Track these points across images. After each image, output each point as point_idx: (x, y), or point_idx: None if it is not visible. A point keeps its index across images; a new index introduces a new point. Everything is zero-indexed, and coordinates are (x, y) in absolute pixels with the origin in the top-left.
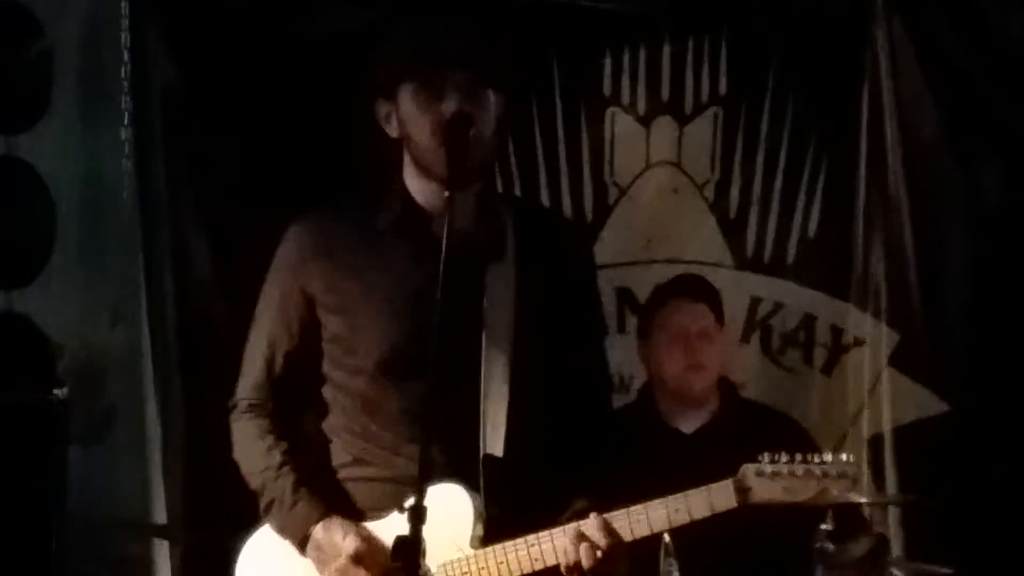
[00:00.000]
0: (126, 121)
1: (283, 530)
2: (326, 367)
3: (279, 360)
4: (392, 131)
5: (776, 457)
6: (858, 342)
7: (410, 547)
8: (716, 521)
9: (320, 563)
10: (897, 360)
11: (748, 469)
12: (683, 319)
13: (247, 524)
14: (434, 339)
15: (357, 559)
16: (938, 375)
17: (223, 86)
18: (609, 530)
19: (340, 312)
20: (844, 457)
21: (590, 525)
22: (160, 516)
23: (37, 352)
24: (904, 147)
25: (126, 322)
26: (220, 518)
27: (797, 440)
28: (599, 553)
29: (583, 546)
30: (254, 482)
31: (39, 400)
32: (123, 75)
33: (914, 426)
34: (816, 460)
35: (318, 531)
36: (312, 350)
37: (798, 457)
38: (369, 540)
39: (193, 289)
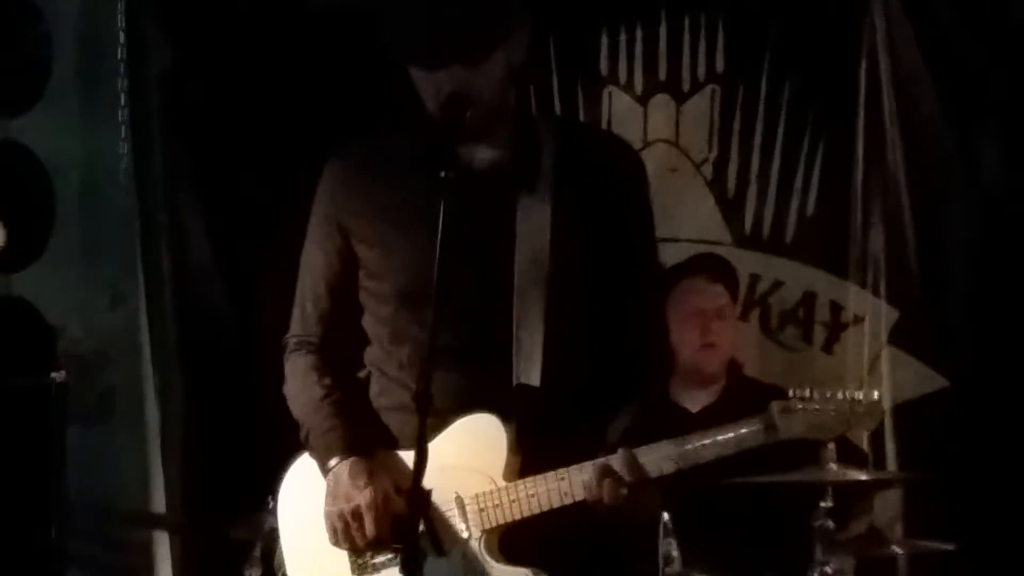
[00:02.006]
0: (123, 104)
1: (314, 459)
2: (363, 297)
3: (323, 292)
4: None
5: (804, 394)
6: (857, 319)
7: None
8: (716, 498)
9: (331, 496)
10: (896, 337)
11: (775, 406)
12: (700, 298)
13: (245, 506)
14: (437, 280)
15: (368, 510)
16: (937, 351)
17: (219, 69)
18: (635, 466)
19: (370, 242)
20: (871, 393)
21: (617, 460)
22: (159, 497)
23: (36, 335)
24: (902, 124)
25: (125, 305)
26: (218, 499)
27: None
28: (623, 490)
29: (607, 481)
30: (297, 413)
31: (38, 383)
32: (120, 58)
33: (914, 403)
34: (842, 396)
35: (341, 466)
36: (351, 282)
37: (827, 394)
38: (386, 495)
39: (191, 272)
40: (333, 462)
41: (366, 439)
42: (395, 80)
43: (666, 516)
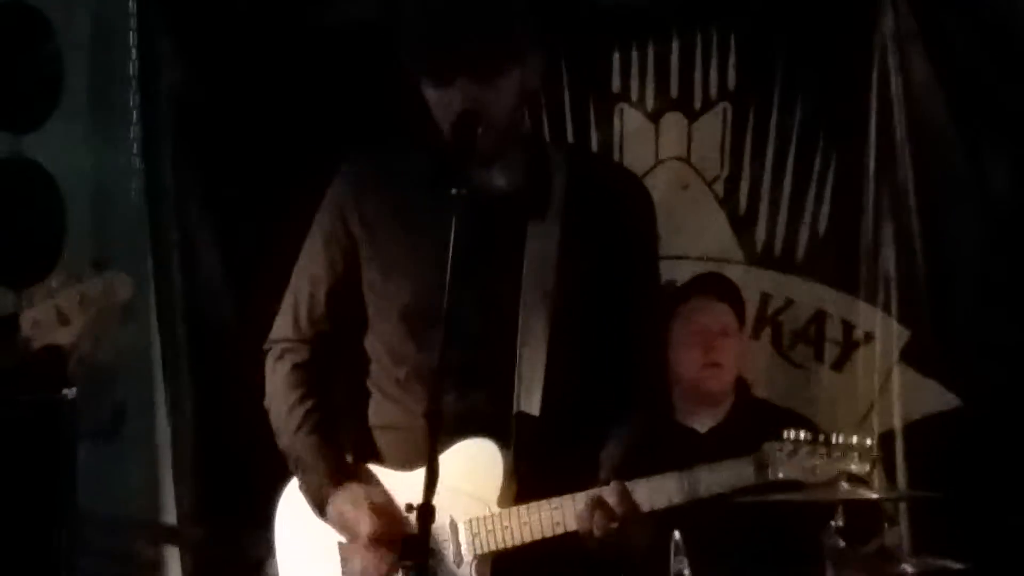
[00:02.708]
0: (134, 120)
1: (304, 491)
2: (370, 313)
3: (320, 299)
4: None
5: (797, 436)
6: (868, 338)
7: (419, 544)
8: (726, 517)
9: (344, 535)
10: (908, 355)
11: (769, 447)
12: (704, 317)
13: (255, 521)
14: (447, 300)
15: (375, 540)
16: (949, 370)
17: (231, 84)
18: (627, 499)
19: (376, 256)
20: (863, 440)
21: (609, 491)
22: (169, 513)
23: (47, 351)
24: (913, 141)
25: (135, 320)
26: (228, 513)
27: None
28: (614, 523)
29: (597, 513)
30: (282, 439)
31: (49, 398)
32: (131, 74)
33: (925, 421)
34: (836, 442)
35: (336, 501)
36: (353, 294)
37: (820, 438)
38: (383, 512)
39: (201, 287)
40: (332, 498)
41: (360, 458)
42: (407, 97)
43: (677, 535)
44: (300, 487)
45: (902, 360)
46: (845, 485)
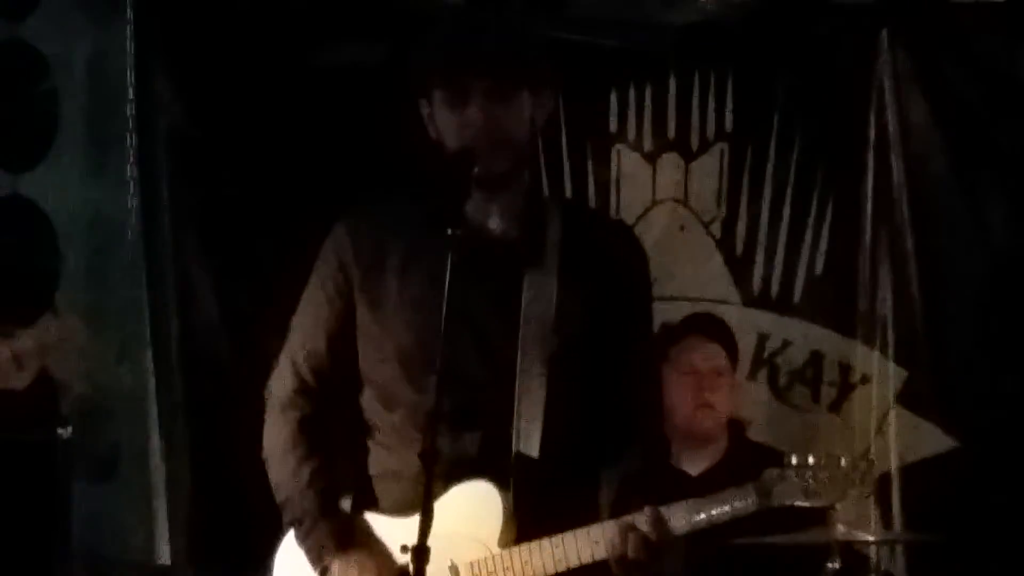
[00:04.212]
0: (131, 159)
1: (303, 548)
2: (361, 364)
3: (321, 350)
4: (433, 131)
5: (798, 462)
6: (865, 379)
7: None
8: (723, 561)
9: None
10: (904, 397)
11: (769, 473)
12: (696, 358)
13: (251, 563)
14: (443, 338)
15: None
16: (946, 412)
17: (228, 125)
18: (662, 523)
19: (373, 302)
20: (864, 462)
21: (642, 518)
22: (164, 555)
23: (42, 387)
24: (910, 182)
25: (131, 361)
26: (223, 556)
27: None
28: (646, 551)
29: (632, 535)
30: (280, 493)
31: (44, 438)
32: (128, 113)
33: (922, 464)
34: (838, 464)
35: (337, 569)
36: (349, 341)
37: (821, 460)
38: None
39: (198, 328)
40: (332, 565)
41: (351, 526)
42: (405, 139)
43: None
44: (298, 542)
45: (899, 402)
46: (842, 527)
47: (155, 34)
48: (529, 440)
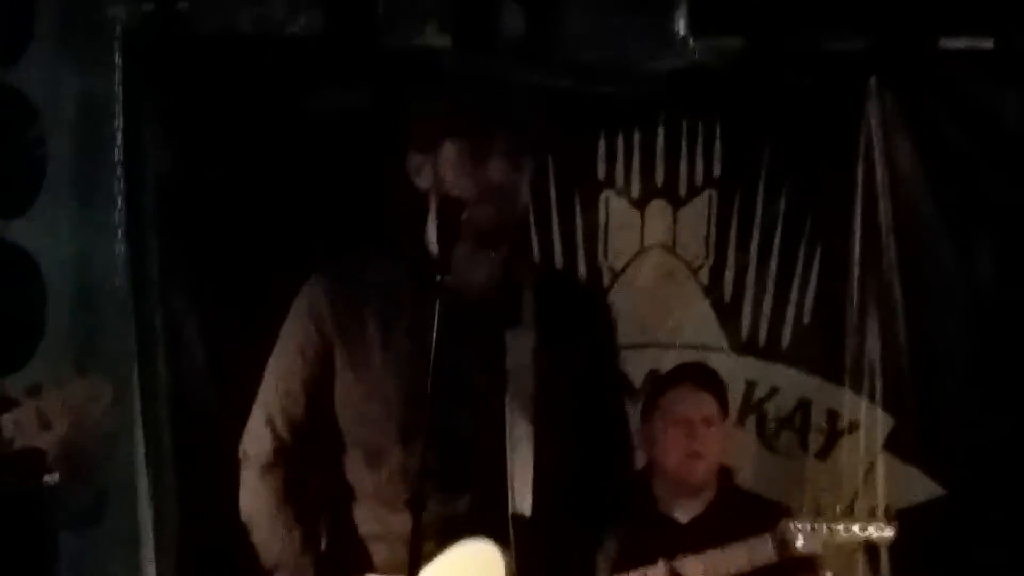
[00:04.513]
0: (119, 206)
1: None
2: (341, 423)
3: (299, 409)
4: (424, 182)
5: (814, 509)
6: (853, 426)
7: None
8: None
9: None
10: (892, 444)
11: (787, 523)
12: (686, 407)
13: None
14: (427, 410)
15: None
16: (933, 459)
17: (217, 171)
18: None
19: (356, 361)
20: (879, 514)
21: (658, 571)
22: None
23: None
24: (898, 229)
25: (118, 408)
26: None
27: None
28: None
29: None
30: (268, 557)
31: (30, 486)
32: (116, 159)
33: (909, 511)
34: (852, 516)
35: None
36: (331, 403)
37: (837, 509)
38: None
39: (186, 375)
40: None
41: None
42: (393, 185)
43: None
44: None
45: (887, 449)
46: (829, 574)
47: (143, 80)
48: (523, 499)
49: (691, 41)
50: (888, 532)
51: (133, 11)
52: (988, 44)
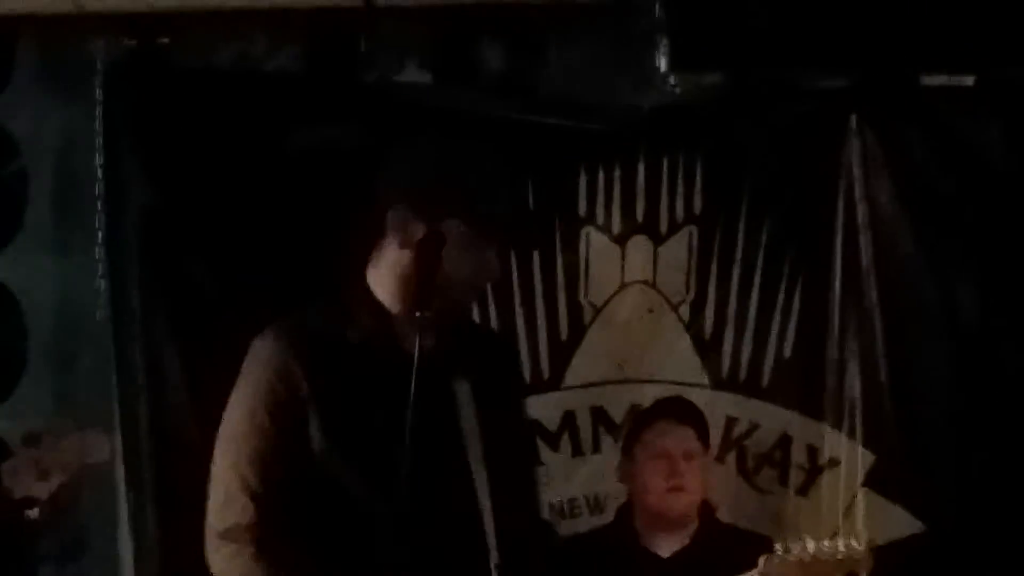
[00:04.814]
0: (100, 241)
1: None
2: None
3: (270, 469)
4: (400, 238)
5: (792, 545)
6: (833, 462)
7: None
8: None
9: None
10: (873, 480)
11: (767, 558)
12: (667, 441)
13: None
14: (405, 464)
15: None
16: (914, 495)
17: (198, 205)
18: None
19: (327, 421)
20: (855, 542)
21: None
22: None
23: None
24: (879, 265)
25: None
26: None
27: None
28: None
29: None
30: None
31: (11, 520)
32: (97, 194)
33: (890, 547)
34: (828, 544)
35: None
36: (299, 461)
37: (818, 544)
38: None
39: (167, 411)
40: None
41: None
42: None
43: None
44: None
45: (867, 485)
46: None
47: (124, 114)
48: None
49: (672, 77)
50: (862, 549)
51: (114, 46)
52: (969, 81)
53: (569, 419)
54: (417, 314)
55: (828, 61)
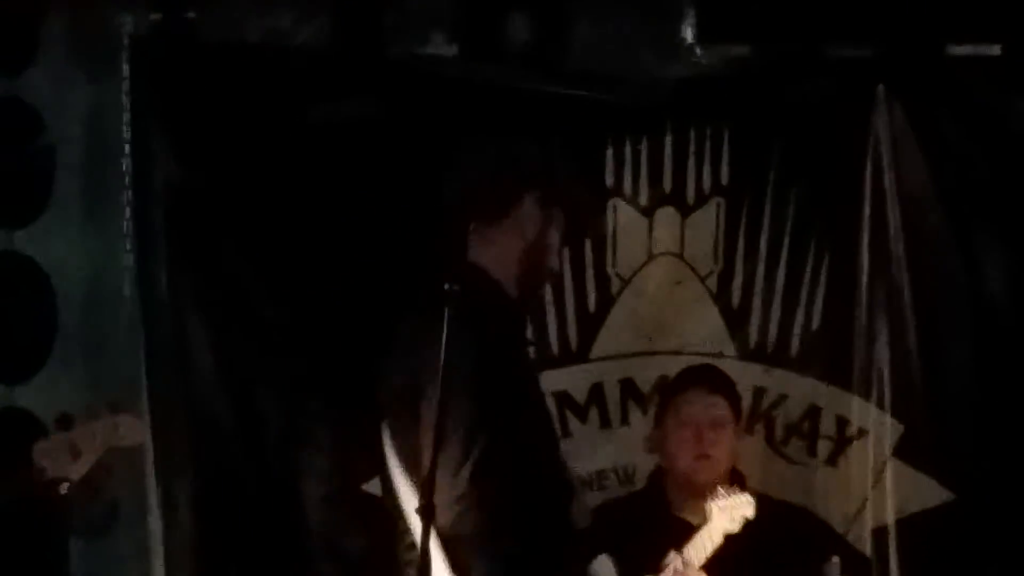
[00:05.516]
0: (127, 216)
1: None
2: None
3: None
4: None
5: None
6: (862, 433)
7: None
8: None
9: None
10: (901, 450)
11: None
12: (696, 409)
13: None
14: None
15: None
16: (942, 465)
17: (225, 180)
18: None
19: None
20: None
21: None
22: None
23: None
24: (906, 236)
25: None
26: None
27: (811, 530)
28: None
29: None
30: None
31: (42, 495)
32: (124, 170)
33: (919, 516)
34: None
35: None
36: None
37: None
38: None
39: (195, 384)
40: None
41: None
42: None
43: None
44: None
45: (896, 455)
46: (835, 559)
47: (150, 90)
48: None
49: (699, 49)
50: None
51: (141, 21)
52: (996, 51)
53: (597, 391)
54: (446, 287)
55: (853, 32)
